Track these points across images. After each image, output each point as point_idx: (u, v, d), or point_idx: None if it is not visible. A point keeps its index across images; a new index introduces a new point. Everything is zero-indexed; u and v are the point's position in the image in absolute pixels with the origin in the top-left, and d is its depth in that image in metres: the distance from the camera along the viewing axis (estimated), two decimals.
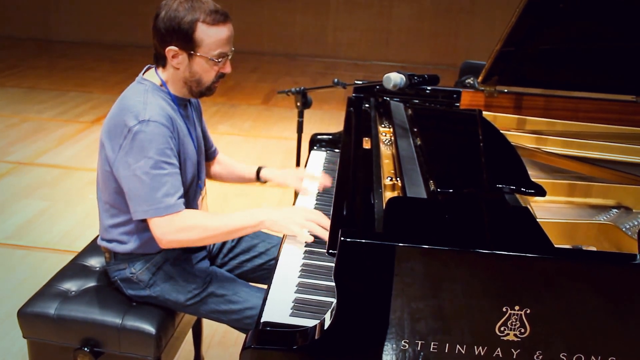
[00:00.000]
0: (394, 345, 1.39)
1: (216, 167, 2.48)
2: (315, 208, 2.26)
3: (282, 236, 2.08)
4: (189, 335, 2.61)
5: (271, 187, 4.04)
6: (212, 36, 1.91)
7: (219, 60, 1.95)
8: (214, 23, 1.90)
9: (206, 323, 2.68)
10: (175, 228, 1.89)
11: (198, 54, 1.92)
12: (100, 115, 6.56)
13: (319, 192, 2.38)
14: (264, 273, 2.33)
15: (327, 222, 1.90)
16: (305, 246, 1.95)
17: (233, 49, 2.00)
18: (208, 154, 2.41)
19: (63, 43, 10.83)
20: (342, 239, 1.35)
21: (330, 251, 1.62)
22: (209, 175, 2.47)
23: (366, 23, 10.61)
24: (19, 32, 10.98)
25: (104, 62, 9.55)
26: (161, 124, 1.88)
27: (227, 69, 2.01)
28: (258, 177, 2.47)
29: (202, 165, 2.20)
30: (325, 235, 1.85)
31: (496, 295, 1.34)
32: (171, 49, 1.92)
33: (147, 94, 1.94)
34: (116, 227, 2.05)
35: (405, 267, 1.33)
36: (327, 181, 2.41)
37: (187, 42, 1.90)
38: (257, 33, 10.77)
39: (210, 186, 2.34)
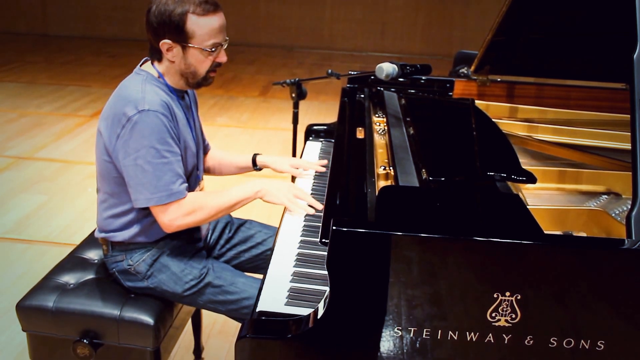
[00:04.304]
0: (387, 333, 1.41)
1: (210, 162, 2.49)
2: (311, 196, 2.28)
3: (277, 226, 2.11)
4: (189, 325, 2.63)
5: (268, 176, 4.06)
6: (204, 27, 1.92)
7: (213, 50, 1.96)
8: (204, 13, 1.91)
9: (206, 313, 2.70)
10: (182, 213, 1.95)
11: (192, 46, 1.93)
12: (98, 110, 6.56)
13: (314, 181, 2.39)
14: (261, 263, 2.34)
15: (311, 200, 2.08)
16: (301, 236, 1.98)
17: (227, 38, 2.01)
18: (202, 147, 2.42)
19: (61, 38, 10.82)
20: (334, 228, 1.37)
21: (323, 240, 1.64)
22: (204, 170, 2.47)
23: (362, 14, 10.60)
24: (16, 27, 10.96)
25: (102, 56, 9.54)
26: (160, 113, 1.89)
27: (223, 58, 2.02)
28: (254, 165, 2.49)
29: (200, 156, 2.22)
30: (308, 210, 2.04)
31: (487, 282, 1.36)
32: (165, 42, 1.93)
33: (145, 84, 1.96)
34: (116, 217, 2.07)
35: (396, 256, 1.35)
36: (320, 167, 2.43)
37: (180, 34, 1.91)
38: (254, 26, 10.78)
39: (208, 180, 2.34)
